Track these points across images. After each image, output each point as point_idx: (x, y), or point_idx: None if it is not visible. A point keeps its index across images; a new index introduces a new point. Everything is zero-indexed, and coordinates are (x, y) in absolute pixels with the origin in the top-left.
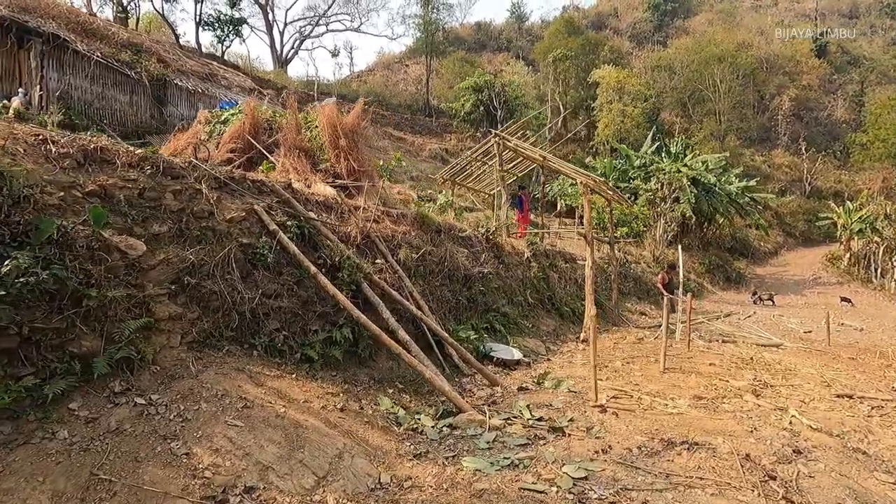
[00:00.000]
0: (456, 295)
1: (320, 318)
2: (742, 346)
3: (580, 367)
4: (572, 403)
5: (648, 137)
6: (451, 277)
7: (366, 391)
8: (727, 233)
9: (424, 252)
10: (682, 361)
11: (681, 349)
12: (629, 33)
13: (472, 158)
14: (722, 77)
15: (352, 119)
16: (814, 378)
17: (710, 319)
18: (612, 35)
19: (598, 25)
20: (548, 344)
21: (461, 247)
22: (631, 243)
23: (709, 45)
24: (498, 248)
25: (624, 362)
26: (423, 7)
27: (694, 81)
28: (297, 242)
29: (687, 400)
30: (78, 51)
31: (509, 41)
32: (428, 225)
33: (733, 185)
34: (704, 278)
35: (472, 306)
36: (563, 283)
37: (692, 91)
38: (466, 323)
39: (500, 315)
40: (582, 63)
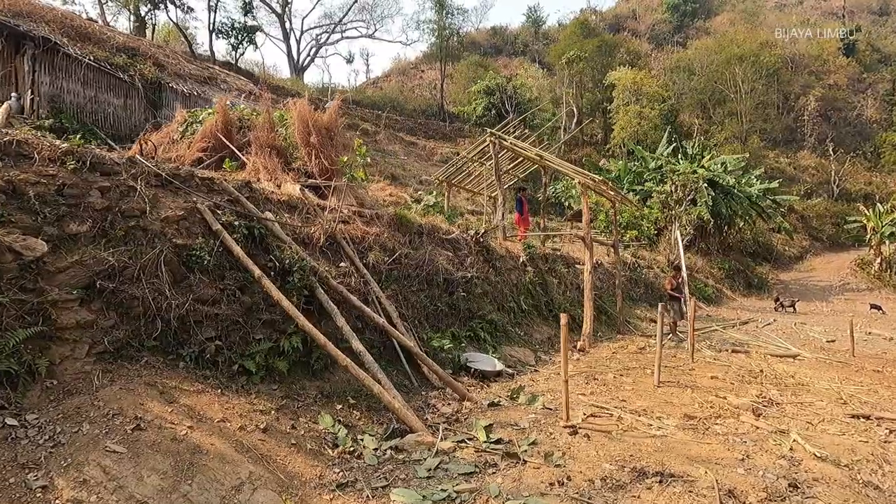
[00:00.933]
0: (434, 301)
1: (267, 327)
2: (754, 357)
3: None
4: (542, 423)
5: (664, 138)
6: (431, 282)
7: (308, 407)
8: (749, 237)
9: (400, 255)
10: (682, 374)
11: (684, 360)
12: (648, 35)
13: (469, 158)
14: (744, 77)
15: (328, 117)
16: (829, 394)
17: (725, 327)
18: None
19: (616, 28)
20: (540, 353)
21: (445, 250)
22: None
23: (730, 44)
24: (488, 252)
25: (617, 374)
26: (436, 12)
27: (714, 82)
28: (246, 244)
29: (676, 420)
30: (70, 54)
31: (525, 45)
32: (407, 226)
33: (754, 186)
34: (724, 284)
35: (454, 313)
36: (562, 288)
37: (712, 92)
38: (446, 331)
39: (486, 322)
40: (598, 65)
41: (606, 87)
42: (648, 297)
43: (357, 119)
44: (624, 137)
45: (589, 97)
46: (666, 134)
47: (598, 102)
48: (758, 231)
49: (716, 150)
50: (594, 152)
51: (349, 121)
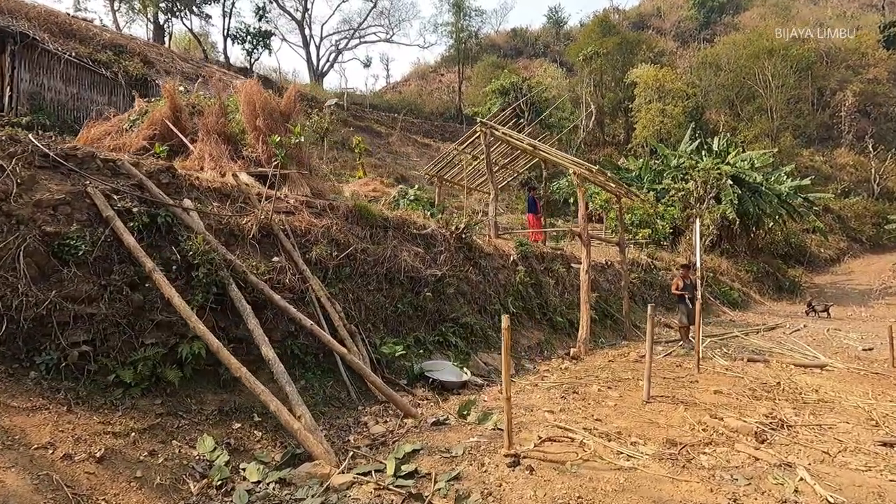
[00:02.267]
0: (396, 301)
1: (162, 329)
2: (773, 367)
3: (544, 392)
4: (481, 449)
5: (687, 135)
6: (392, 280)
7: (194, 427)
8: (780, 238)
9: (355, 250)
10: (682, 387)
11: (689, 370)
12: (673, 32)
13: (460, 151)
14: (774, 71)
15: (284, 102)
16: (857, 414)
17: (747, 333)
18: (655, 35)
19: (640, 26)
20: (524, 361)
21: (416, 245)
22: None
23: (759, 38)
24: (470, 249)
25: (605, 386)
26: (454, 15)
27: (742, 77)
28: (149, 234)
29: (654, 446)
30: (49, 50)
31: (546, 46)
32: (367, 219)
33: (784, 184)
34: (751, 287)
35: (420, 315)
36: (560, 289)
37: (740, 87)
38: (407, 336)
39: (460, 326)
40: (618, 63)
41: (628, 85)
42: (664, 300)
43: (371, 122)
44: (646, 136)
45: (610, 96)
46: (689, 131)
47: (620, 101)
48: (790, 232)
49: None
50: (615, 152)
51: (363, 123)
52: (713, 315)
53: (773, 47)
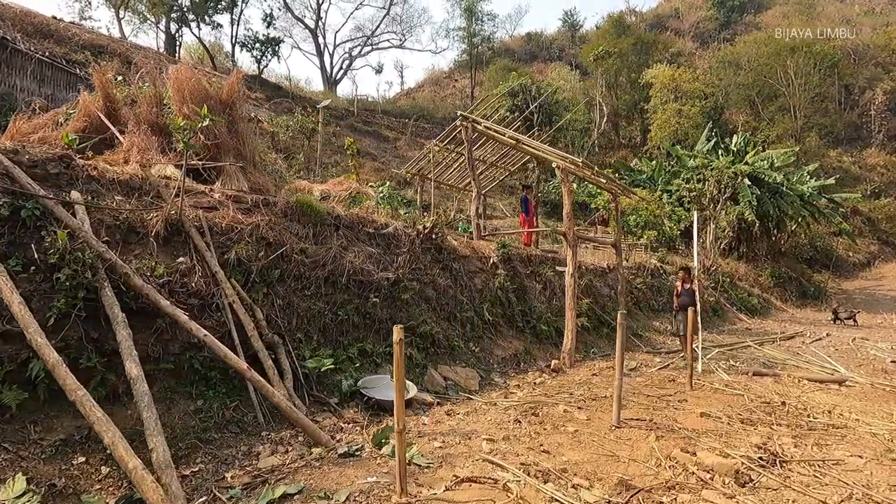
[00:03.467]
0: (338, 308)
1: (9, 342)
2: (784, 382)
3: (498, 414)
4: (375, 494)
5: (703, 135)
6: (335, 284)
7: (16, 462)
8: (804, 241)
9: (290, 250)
10: (666, 408)
11: (682, 386)
12: (692, 33)
13: (441, 147)
14: (797, 69)
15: (226, 90)
16: (874, 444)
17: (762, 343)
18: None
19: (658, 27)
20: (494, 374)
21: (372, 246)
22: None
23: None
24: (439, 250)
25: (574, 406)
26: (466, 19)
27: (763, 76)
28: (10, 229)
29: (602, 489)
30: (20, 50)
31: (561, 50)
32: (311, 217)
33: (807, 184)
34: (772, 293)
35: (368, 324)
36: (547, 294)
37: (761, 86)
38: (349, 347)
39: (419, 336)
40: (633, 64)
41: (643, 86)
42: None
43: (380, 127)
44: (662, 137)
45: (625, 98)
46: (706, 130)
47: (635, 103)
48: (815, 234)
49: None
50: (630, 155)
51: (371, 128)
52: (728, 322)
53: (794, 44)
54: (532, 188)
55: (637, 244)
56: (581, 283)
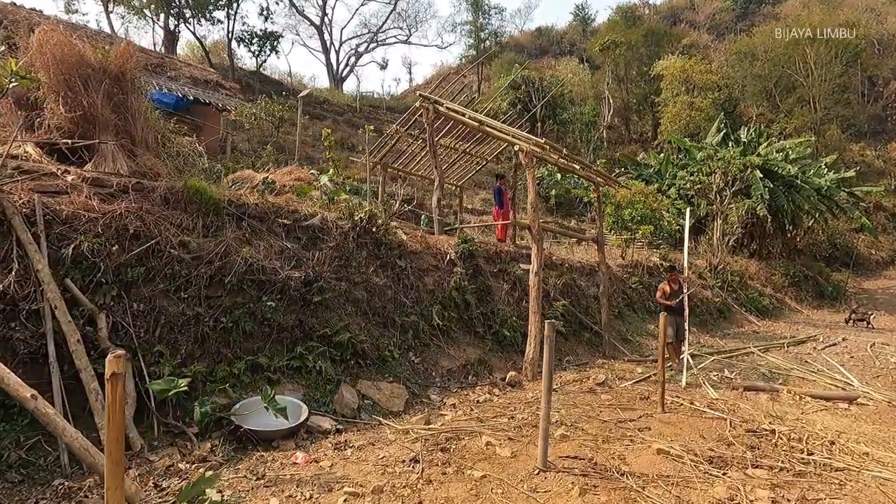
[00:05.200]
0: (222, 313)
1: None
2: (784, 399)
3: (397, 449)
4: None
5: (713, 127)
6: (225, 285)
7: None
8: (822, 238)
9: (161, 244)
10: (621, 438)
11: (651, 406)
12: (707, 25)
13: (403, 132)
14: (816, 59)
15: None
16: (884, 498)
17: (768, 349)
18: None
19: (673, 20)
20: (433, 391)
21: (288, 240)
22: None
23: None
24: (379, 245)
25: (504, 437)
26: (472, 13)
27: (781, 66)
28: None
29: None
30: None
31: (572, 45)
32: (202, 204)
33: (824, 177)
34: (786, 293)
35: (266, 332)
36: (515, 296)
37: (779, 77)
38: (237, 360)
39: (334, 346)
40: (644, 56)
41: (654, 78)
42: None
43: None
44: (673, 131)
45: (636, 92)
46: (716, 122)
47: (646, 96)
48: (834, 231)
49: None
50: (641, 149)
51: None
52: (735, 325)
53: (814, 33)
54: (507, 178)
55: (634, 240)
56: (559, 282)
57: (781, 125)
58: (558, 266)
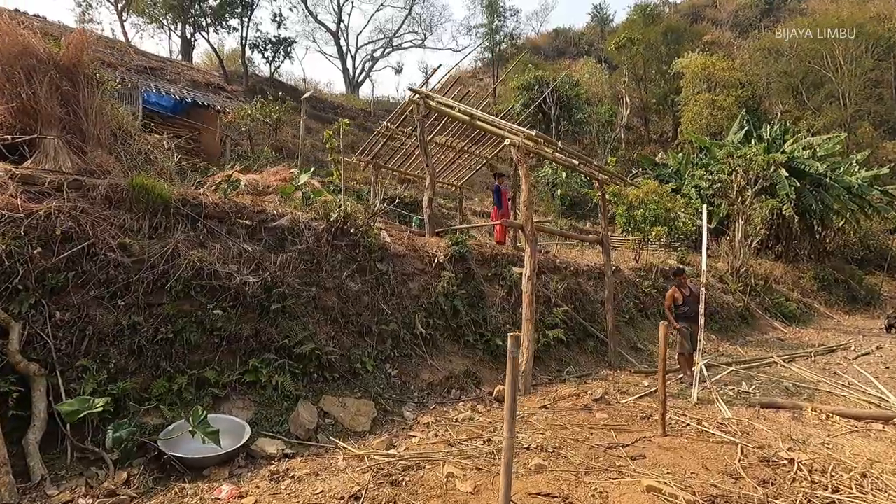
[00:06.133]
0: (162, 322)
1: None
2: (808, 418)
3: (346, 482)
4: None
5: (735, 124)
6: (168, 291)
7: None
8: (854, 239)
9: (97, 245)
10: (608, 470)
11: (652, 427)
12: (730, 23)
13: (394, 129)
14: (846, 54)
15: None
16: None
17: (794, 358)
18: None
19: (694, 17)
20: (408, 408)
21: (250, 242)
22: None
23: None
24: (356, 247)
25: (470, 466)
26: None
27: (808, 61)
28: None
29: None
30: None
31: (590, 45)
32: (150, 204)
33: (855, 175)
34: (815, 298)
35: (216, 342)
36: (512, 301)
37: (806, 73)
38: (179, 375)
39: (296, 358)
40: (663, 55)
41: (674, 76)
42: None
43: None
44: (694, 130)
45: (654, 90)
46: (738, 119)
47: (665, 95)
48: (867, 232)
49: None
50: (660, 150)
51: None
52: (758, 331)
53: (843, 26)
54: (506, 177)
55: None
56: (560, 287)
57: (809, 122)
58: (562, 269)
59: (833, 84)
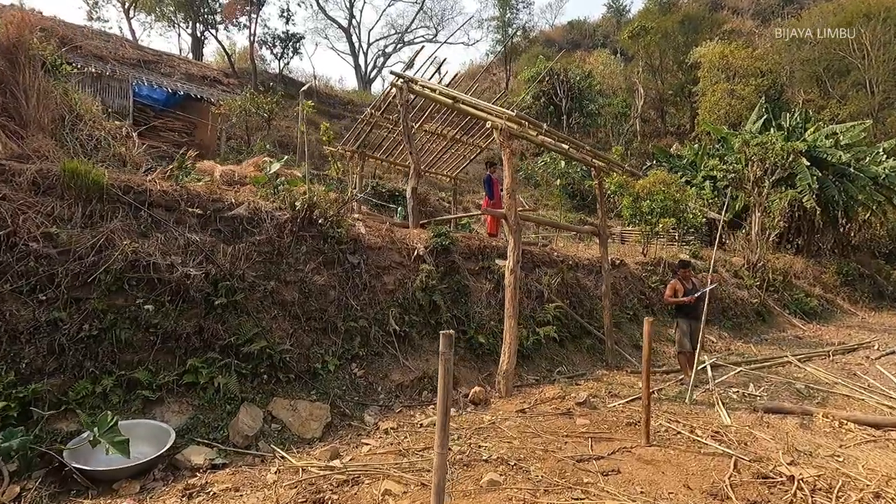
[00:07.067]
0: (88, 318)
1: None
2: (817, 426)
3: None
4: None
5: (753, 113)
6: (98, 284)
7: None
8: (881, 232)
9: (20, 236)
10: (572, 489)
11: (635, 435)
12: (752, 11)
13: (379, 117)
14: (873, 39)
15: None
16: None
17: (809, 358)
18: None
19: (714, 6)
20: (370, 411)
21: (204, 234)
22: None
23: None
24: (324, 238)
25: (415, 483)
26: (499, 8)
27: (833, 49)
28: None
29: None
30: None
31: (606, 37)
32: (84, 191)
33: (882, 164)
34: (838, 294)
35: (150, 342)
36: (499, 296)
37: (830, 60)
38: (105, 376)
39: (243, 358)
40: (680, 45)
41: (691, 67)
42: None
43: None
44: (711, 121)
45: (671, 81)
46: (756, 108)
47: (682, 86)
48: (894, 224)
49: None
50: (676, 142)
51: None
52: (774, 329)
53: (870, 10)
54: (498, 166)
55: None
56: (554, 281)
57: (833, 111)
58: (558, 262)
59: (859, 71)
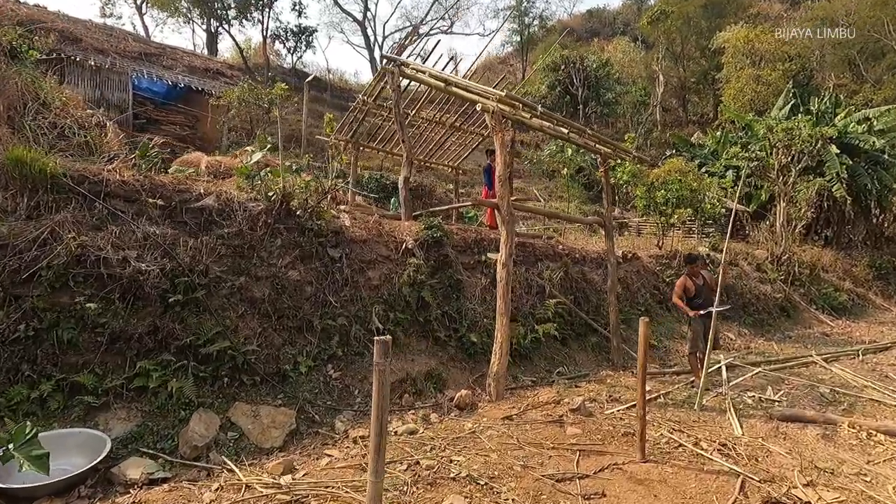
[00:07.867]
0: (24, 319)
1: None
2: (841, 437)
3: None
4: None
5: (780, 98)
6: (38, 281)
7: None
8: None
9: None
10: None
11: (630, 450)
12: None
13: (372, 104)
14: None
15: None
16: None
17: (836, 357)
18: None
19: None
20: (342, 417)
21: (167, 226)
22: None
23: None
24: (302, 231)
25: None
26: None
27: (867, 30)
28: None
29: None
30: None
31: (626, 25)
32: (27, 180)
33: None
34: (871, 288)
35: (96, 343)
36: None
37: (864, 43)
38: (43, 382)
39: (201, 360)
40: (703, 30)
41: (714, 53)
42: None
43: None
44: (736, 108)
45: (693, 68)
46: (784, 93)
47: (705, 73)
48: None
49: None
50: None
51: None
52: (800, 325)
53: None
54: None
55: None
56: (556, 276)
57: (867, 96)
58: (563, 256)
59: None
